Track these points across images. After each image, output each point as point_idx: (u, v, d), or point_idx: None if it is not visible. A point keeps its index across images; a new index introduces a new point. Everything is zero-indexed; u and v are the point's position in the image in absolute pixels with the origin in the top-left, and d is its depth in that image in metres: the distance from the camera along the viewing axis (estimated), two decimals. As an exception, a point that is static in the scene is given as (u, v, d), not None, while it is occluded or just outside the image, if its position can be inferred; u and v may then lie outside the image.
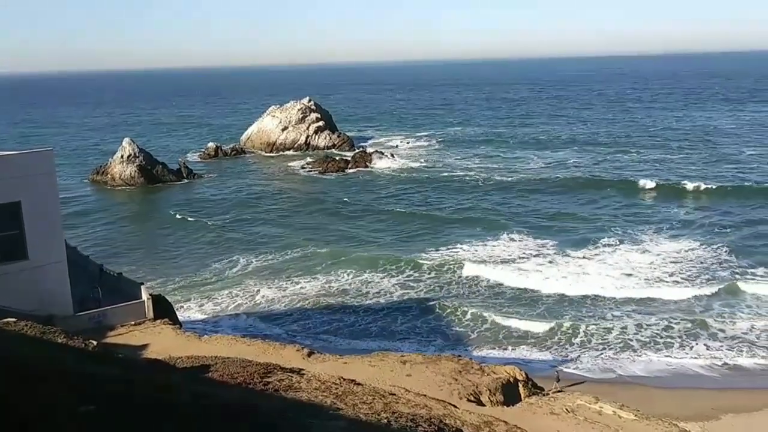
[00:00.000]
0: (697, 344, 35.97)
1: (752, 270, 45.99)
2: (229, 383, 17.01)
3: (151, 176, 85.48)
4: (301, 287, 46.40)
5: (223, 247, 56.98)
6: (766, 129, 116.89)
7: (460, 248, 53.27)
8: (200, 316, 41.99)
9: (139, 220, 67.14)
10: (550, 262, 49.26)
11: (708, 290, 42.71)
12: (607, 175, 78.58)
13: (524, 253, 51.47)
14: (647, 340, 36.61)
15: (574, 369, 33.77)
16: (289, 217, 67.07)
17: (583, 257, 50.07)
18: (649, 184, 71.33)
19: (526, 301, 42.52)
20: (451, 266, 49.30)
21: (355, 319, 41.05)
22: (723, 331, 37.41)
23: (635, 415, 19.98)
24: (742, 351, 35.11)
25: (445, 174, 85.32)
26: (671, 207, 63.66)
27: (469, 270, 48.16)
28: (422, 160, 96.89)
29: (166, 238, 60.63)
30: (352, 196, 75.41)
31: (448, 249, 53.26)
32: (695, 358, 34.65)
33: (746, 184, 68.33)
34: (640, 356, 34.95)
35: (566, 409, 19.83)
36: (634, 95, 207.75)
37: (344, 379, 18.01)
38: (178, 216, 68.23)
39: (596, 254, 50.62)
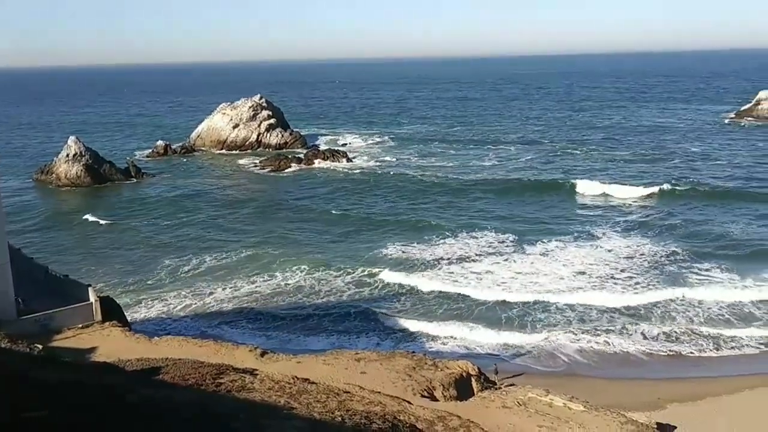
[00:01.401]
0: (642, 337, 37.00)
1: (697, 265, 47.41)
2: (181, 385, 16.79)
3: (98, 175, 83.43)
4: (255, 287, 45.98)
5: (175, 247, 56.01)
6: (710, 126, 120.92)
7: (414, 247, 53.49)
8: (151, 318, 41.22)
9: (85, 221, 65.36)
10: (506, 260, 49.95)
11: (653, 285, 43.91)
12: (557, 176, 79.59)
13: (479, 252, 52.15)
14: (595, 333, 37.47)
15: (521, 362, 34.43)
16: (241, 216, 66.33)
17: (533, 256, 50.97)
18: (595, 185, 71.86)
19: (476, 297, 42.96)
20: (405, 265, 49.53)
21: (308, 318, 40.91)
22: (668, 324, 38.53)
23: (584, 407, 20.44)
24: (684, 343, 36.29)
25: (398, 173, 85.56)
26: (618, 207, 64.82)
27: (421, 269, 48.51)
28: (376, 159, 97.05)
29: (115, 238, 59.25)
30: (304, 194, 75.05)
31: (402, 247, 53.46)
32: (641, 349, 35.65)
33: (697, 186, 69.64)
34: (587, 347, 35.77)
35: (518, 402, 20.17)
36: (583, 94, 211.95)
37: (298, 379, 17.98)
38: (126, 216, 66.78)
39: (546, 253, 51.55)
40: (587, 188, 70.55)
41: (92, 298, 28.80)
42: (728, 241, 52.25)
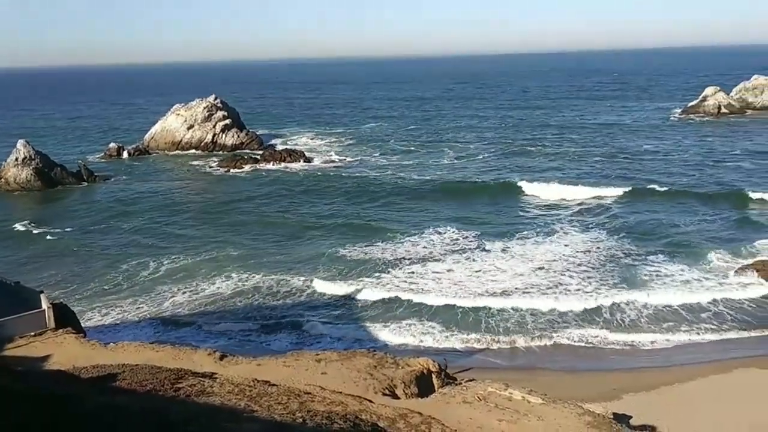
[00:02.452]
0: (598, 330, 37.80)
1: (651, 258, 48.64)
2: (138, 391, 16.53)
3: (50, 179, 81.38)
4: (213, 290, 45.47)
5: (132, 250, 54.96)
6: (660, 123, 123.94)
7: (376, 246, 53.60)
8: (107, 324, 40.39)
9: (36, 225, 63.62)
10: (467, 258, 50.42)
11: (608, 280, 44.91)
12: (513, 175, 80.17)
13: (439, 251, 52.69)
14: (551, 328, 38.15)
15: (481, 357, 34.88)
16: (197, 218, 65.44)
17: (493, 253, 51.65)
18: (551, 184, 72.65)
19: (435, 296, 43.26)
20: (365, 265, 49.61)
21: (268, 321, 40.64)
22: (621, 317, 39.43)
23: (543, 399, 20.77)
24: (637, 334, 37.23)
25: (357, 173, 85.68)
26: (573, 205, 65.76)
27: (381, 268, 48.65)
28: (334, 158, 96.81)
29: (68, 242, 57.83)
30: (260, 196, 74.43)
31: (364, 247, 53.49)
32: (597, 342, 36.44)
33: (648, 185, 70.82)
34: (545, 342, 36.42)
35: (478, 397, 20.40)
36: (538, 92, 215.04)
37: (258, 381, 17.87)
38: (79, 219, 65.30)
39: (505, 250, 52.32)
40: (543, 188, 71.31)
41: (45, 305, 28.08)
42: (680, 237, 53.69)
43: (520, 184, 72.65)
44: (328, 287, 45.04)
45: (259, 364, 21.79)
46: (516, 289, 43.26)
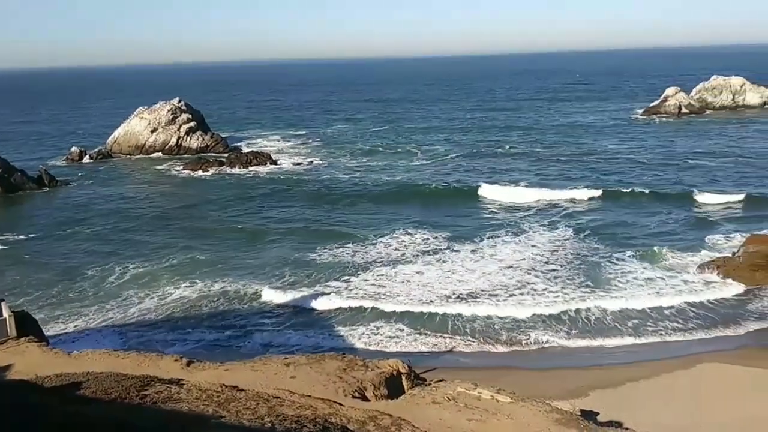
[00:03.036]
0: (566, 328, 38.25)
1: (616, 256, 49.52)
2: (103, 399, 16.24)
3: (9, 185, 79.48)
4: (179, 295, 44.86)
5: (95, 256, 53.92)
6: (624, 123, 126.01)
7: (346, 249, 53.50)
8: (71, 332, 39.58)
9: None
10: (438, 260, 50.61)
11: (575, 278, 45.52)
12: (480, 177, 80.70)
13: (410, 253, 52.88)
14: (518, 325, 38.49)
15: (451, 357, 35.05)
16: (162, 222, 64.53)
17: (463, 254, 52.00)
18: (515, 188, 72.94)
19: (405, 297, 43.34)
20: (334, 269, 49.52)
21: (235, 325, 40.24)
22: (588, 314, 39.95)
23: (511, 398, 20.93)
24: (605, 331, 37.78)
25: (324, 176, 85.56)
26: (540, 207, 66.37)
27: (351, 272, 48.62)
28: (301, 161, 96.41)
29: (29, 249, 56.54)
30: (227, 199, 73.67)
31: (334, 250, 53.36)
32: (564, 340, 36.87)
33: (613, 186, 71.74)
34: (513, 341, 36.74)
35: (447, 397, 20.48)
36: (504, 94, 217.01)
37: (226, 386, 17.69)
38: (40, 225, 63.89)
39: (475, 251, 52.71)
40: (510, 189, 71.79)
41: (5, 313, 27.42)
42: (643, 236, 54.77)
43: (487, 186, 73.10)
44: (296, 291, 44.80)
45: (227, 369, 21.57)
46: (483, 290, 43.52)
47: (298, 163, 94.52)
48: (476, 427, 18.85)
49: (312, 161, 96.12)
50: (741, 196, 64.42)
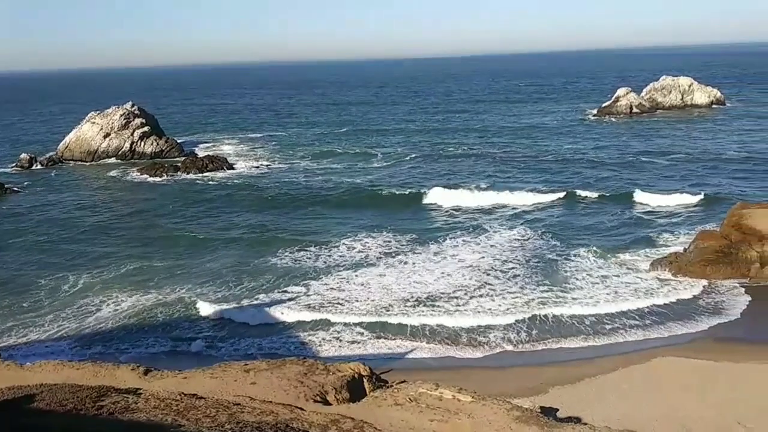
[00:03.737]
0: (523, 326, 38.74)
1: (572, 253, 50.44)
2: (58, 411, 15.84)
3: (-46, 193, 77.02)
4: (135, 302, 43.96)
5: (48, 265, 52.45)
6: (577, 124, 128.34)
7: (307, 253, 53.22)
8: (22, 343, 38.47)
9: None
10: (399, 261, 50.83)
11: (533, 278, 46.19)
12: (439, 180, 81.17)
13: (373, 255, 52.95)
14: (479, 324, 38.82)
15: (413, 357, 35.18)
16: (116, 229, 63.29)
17: (423, 255, 52.30)
18: (474, 189, 73.32)
19: (364, 301, 43.34)
20: (294, 273, 49.26)
21: (193, 332, 39.67)
22: (545, 311, 40.52)
23: (473, 397, 21.07)
24: (562, 329, 38.39)
25: (282, 180, 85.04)
26: (499, 208, 66.85)
27: (312, 276, 48.45)
28: (259, 165, 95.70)
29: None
30: (182, 205, 72.57)
31: (294, 254, 53.04)
32: (524, 338, 37.32)
33: (570, 188, 72.40)
34: (473, 341, 37.04)
35: (409, 399, 20.52)
36: (461, 96, 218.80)
37: (185, 395, 17.42)
38: (-11, 235, 62.04)
39: (438, 252, 53.07)
40: (469, 191, 72.13)
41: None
42: (598, 235, 55.87)
43: (446, 188, 73.52)
44: (255, 297, 44.43)
45: (186, 378, 21.23)
46: (443, 292, 43.73)
47: (256, 167, 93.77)
48: (438, 427, 18.94)
49: (270, 165, 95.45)
50: (691, 194, 66.20)
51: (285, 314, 41.36)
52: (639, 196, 67.03)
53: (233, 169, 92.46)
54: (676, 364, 33.21)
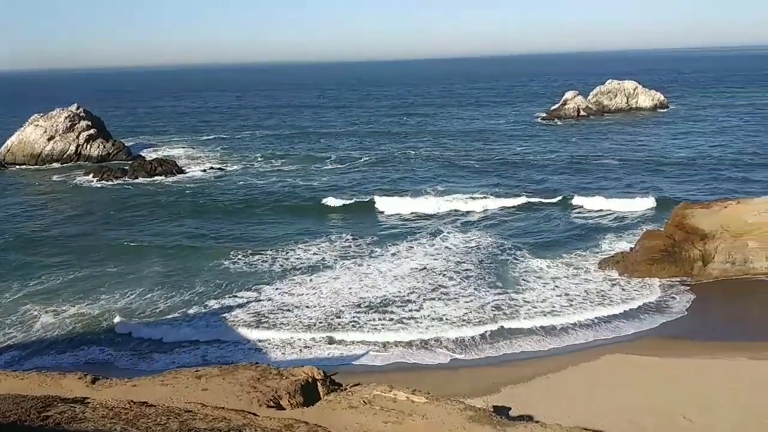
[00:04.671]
0: (474, 326, 39.14)
1: (520, 256, 51.26)
2: (1, 423, 15.30)
3: None
4: (82, 310, 42.81)
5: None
6: (528, 127, 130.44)
7: (262, 257, 52.70)
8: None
9: None
10: (355, 264, 50.75)
11: (486, 278, 46.77)
12: (396, 185, 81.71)
13: (328, 258, 52.80)
14: (432, 326, 39.07)
15: (367, 361, 35.19)
16: (60, 236, 61.39)
17: (380, 257, 52.29)
18: (427, 193, 73.77)
19: (315, 305, 43.17)
20: (247, 278, 48.83)
21: (142, 340, 38.79)
22: (496, 314, 41.03)
23: (426, 398, 21.17)
24: (515, 327, 38.90)
25: (234, 184, 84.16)
26: (454, 212, 67.25)
27: (266, 280, 48.03)
28: (209, 168, 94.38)
29: None
30: (129, 210, 70.89)
31: (248, 258, 52.53)
32: (476, 337, 37.69)
33: (522, 191, 73.59)
34: (426, 342, 37.26)
35: (363, 401, 20.50)
36: (415, 99, 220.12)
37: (134, 403, 17.02)
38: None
39: (396, 254, 53.32)
40: (423, 196, 72.41)
41: None
42: (546, 237, 56.93)
43: (400, 192, 73.95)
44: (205, 302, 43.76)
45: (135, 385, 20.75)
46: (398, 295, 43.88)
47: (206, 171, 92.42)
48: (392, 428, 18.97)
49: (221, 168, 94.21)
50: (638, 196, 68.06)
51: (236, 320, 40.86)
52: (586, 199, 68.30)
53: (183, 173, 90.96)
54: (624, 361, 34.04)
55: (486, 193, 71.76)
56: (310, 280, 47.15)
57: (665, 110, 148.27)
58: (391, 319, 40.03)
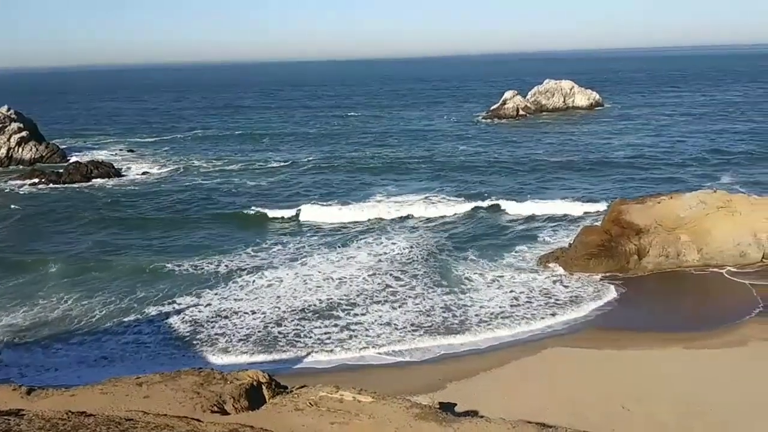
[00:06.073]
0: (421, 322, 39.49)
1: (462, 257, 52.03)
2: (-73, 441, 14.67)
3: None
4: (13, 318, 41.25)
5: None
6: (470, 126, 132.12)
7: (207, 261, 51.74)
8: None
9: None
10: (302, 264, 50.50)
11: (430, 277, 47.23)
12: (344, 186, 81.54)
13: (275, 262, 52.15)
14: (378, 325, 39.25)
15: (311, 362, 35.10)
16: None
17: (324, 259, 52.28)
18: (375, 198, 73.44)
19: (257, 310, 42.82)
20: (192, 282, 48.05)
21: (80, 348, 37.68)
22: (444, 312, 41.49)
23: (373, 398, 21.24)
24: (458, 325, 39.39)
25: (175, 186, 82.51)
26: (399, 213, 67.44)
27: (211, 286, 47.40)
28: (147, 171, 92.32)
29: None
30: (63, 216, 68.37)
31: (192, 262, 51.61)
32: (421, 335, 38.01)
33: (465, 192, 73.74)
34: (371, 342, 37.39)
35: (309, 403, 20.44)
36: (357, 99, 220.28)
37: (72, 413, 16.58)
38: None
39: (335, 259, 53.15)
40: (369, 201, 71.88)
41: None
42: (486, 238, 57.55)
43: (344, 195, 73.75)
44: (145, 309, 42.74)
45: (73, 395, 20.16)
46: (344, 296, 43.90)
47: (146, 173, 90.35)
48: (339, 429, 18.99)
49: (162, 171, 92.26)
50: (576, 194, 69.75)
51: (176, 325, 40.08)
52: (525, 198, 69.29)
53: (122, 176, 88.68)
54: (565, 353, 34.93)
55: (426, 198, 71.69)
56: (252, 283, 46.52)
57: (601, 109, 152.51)
58: (337, 322, 39.95)
